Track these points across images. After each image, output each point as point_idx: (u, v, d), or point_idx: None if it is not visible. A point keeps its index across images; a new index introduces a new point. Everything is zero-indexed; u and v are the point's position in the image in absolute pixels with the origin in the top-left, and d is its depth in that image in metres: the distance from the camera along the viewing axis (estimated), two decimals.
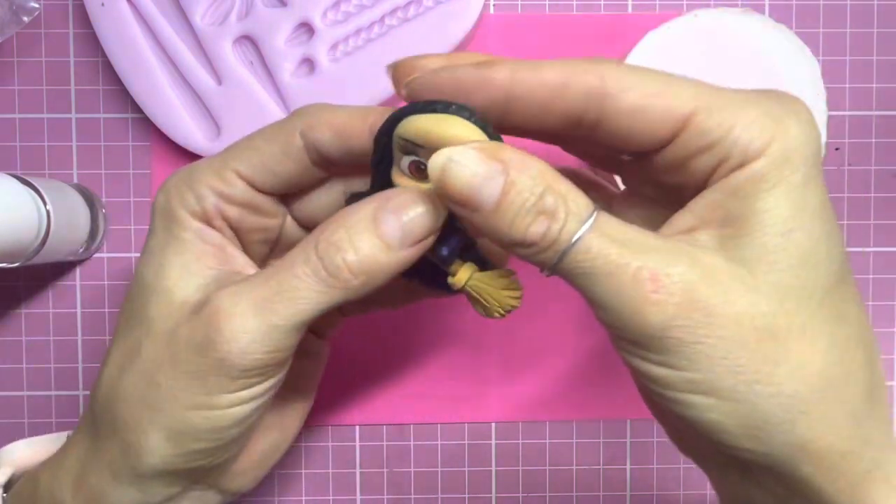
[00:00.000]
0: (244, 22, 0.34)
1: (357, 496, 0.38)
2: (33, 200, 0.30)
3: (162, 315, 0.24)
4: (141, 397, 0.23)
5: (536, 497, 0.38)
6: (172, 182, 0.25)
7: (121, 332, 0.25)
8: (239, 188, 0.25)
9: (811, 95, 0.35)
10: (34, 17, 0.34)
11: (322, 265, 0.22)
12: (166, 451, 0.24)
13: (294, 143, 0.24)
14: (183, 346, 0.23)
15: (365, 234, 0.22)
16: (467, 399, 0.37)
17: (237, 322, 0.22)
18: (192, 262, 0.24)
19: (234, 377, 0.23)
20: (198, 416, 0.23)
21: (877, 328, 0.38)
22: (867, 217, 0.37)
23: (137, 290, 0.25)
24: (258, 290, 0.22)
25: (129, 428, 0.24)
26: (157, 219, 0.25)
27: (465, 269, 0.24)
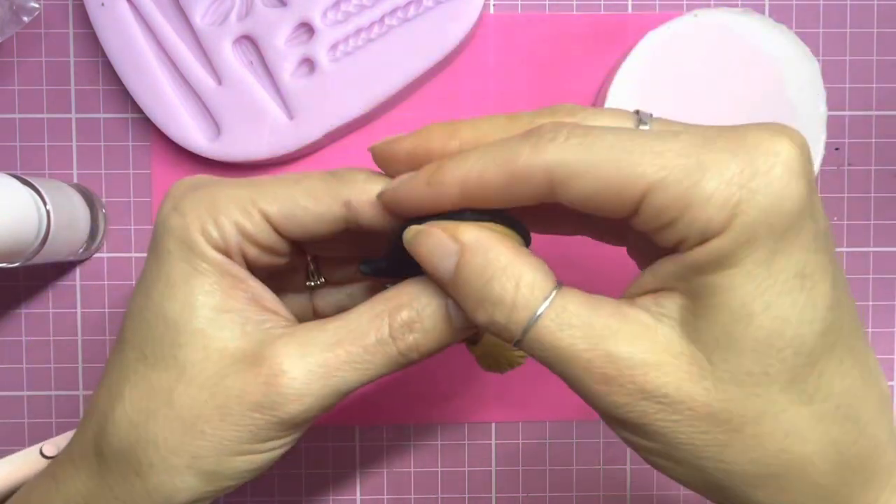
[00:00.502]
0: (244, 22, 0.34)
1: (357, 496, 0.38)
2: (33, 200, 0.30)
3: (198, 361, 0.23)
4: (177, 444, 0.23)
5: (536, 497, 0.38)
6: (190, 206, 0.24)
7: (135, 369, 0.24)
8: (264, 230, 0.24)
9: (811, 95, 0.35)
10: (34, 17, 0.34)
11: (395, 345, 0.23)
12: (200, 489, 0.24)
13: (336, 209, 0.24)
14: (235, 400, 0.23)
15: (435, 317, 0.23)
16: (467, 399, 0.37)
17: (302, 387, 0.22)
18: (223, 300, 0.24)
19: (288, 430, 0.23)
20: (240, 461, 0.23)
21: (877, 328, 0.38)
22: (867, 217, 0.37)
23: (159, 326, 0.24)
24: (325, 357, 0.23)
25: (160, 471, 0.23)
26: (170, 242, 0.24)
27: (485, 339, 0.25)
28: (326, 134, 0.35)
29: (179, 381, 0.23)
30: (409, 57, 0.35)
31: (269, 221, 0.24)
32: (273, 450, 0.24)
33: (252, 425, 0.23)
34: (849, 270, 0.38)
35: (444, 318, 0.23)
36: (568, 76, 0.37)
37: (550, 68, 0.37)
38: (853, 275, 0.37)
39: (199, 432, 0.23)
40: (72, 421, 0.37)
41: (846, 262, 0.37)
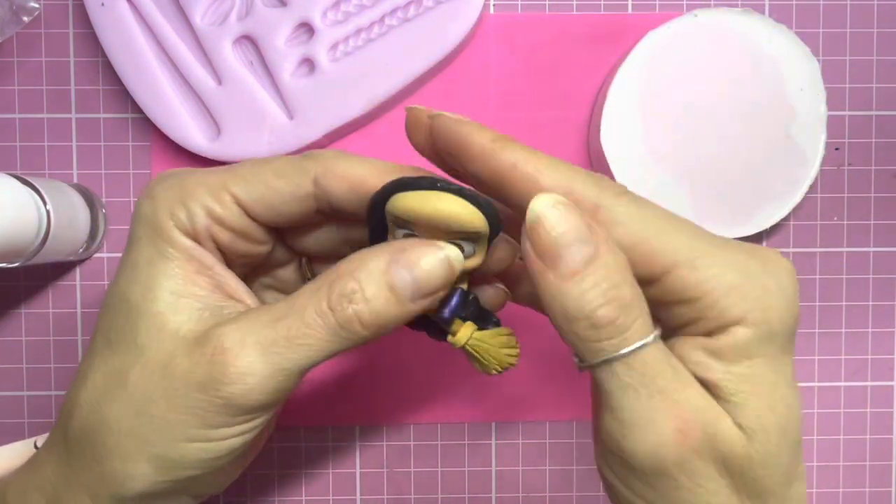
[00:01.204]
0: (244, 22, 0.34)
1: (357, 496, 0.38)
2: (33, 200, 0.30)
3: (153, 343, 0.23)
4: (129, 427, 0.23)
5: (536, 497, 0.38)
6: (161, 191, 0.24)
7: (100, 352, 0.24)
8: (234, 214, 0.24)
9: (811, 95, 0.35)
10: (34, 17, 0.34)
11: (333, 316, 0.22)
12: (154, 477, 0.23)
13: (305, 187, 0.24)
14: (181, 380, 0.22)
15: (377, 287, 0.22)
16: (467, 399, 0.37)
17: (244, 364, 0.22)
18: (184, 285, 0.23)
19: (235, 415, 0.23)
20: (192, 448, 0.23)
21: (877, 328, 0.38)
22: (867, 217, 0.37)
23: (122, 310, 0.24)
24: (266, 333, 0.22)
25: (114, 455, 0.23)
26: (140, 228, 0.24)
27: (465, 329, 0.24)
28: (326, 134, 0.35)
29: (136, 363, 0.23)
30: (409, 57, 0.35)
31: (239, 204, 0.24)
32: (227, 438, 0.23)
33: (198, 408, 0.22)
34: (849, 270, 0.38)
35: (388, 287, 0.22)
36: (568, 76, 0.37)
37: (550, 68, 0.37)
38: (853, 275, 0.38)
39: (148, 416, 0.23)
40: None
41: (846, 261, 0.37)
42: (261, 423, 0.24)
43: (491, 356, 0.24)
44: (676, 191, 0.35)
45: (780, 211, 0.35)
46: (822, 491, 0.38)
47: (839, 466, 0.38)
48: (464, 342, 0.24)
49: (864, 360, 0.38)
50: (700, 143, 0.35)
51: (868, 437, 0.38)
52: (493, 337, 0.24)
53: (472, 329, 0.24)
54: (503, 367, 0.25)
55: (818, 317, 0.38)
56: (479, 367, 0.25)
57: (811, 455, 0.38)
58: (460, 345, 0.24)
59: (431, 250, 0.22)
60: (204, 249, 0.24)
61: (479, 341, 0.24)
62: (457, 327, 0.24)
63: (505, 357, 0.24)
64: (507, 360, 0.24)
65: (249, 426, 0.23)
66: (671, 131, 0.35)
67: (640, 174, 0.35)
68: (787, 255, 0.37)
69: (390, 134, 0.37)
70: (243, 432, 0.23)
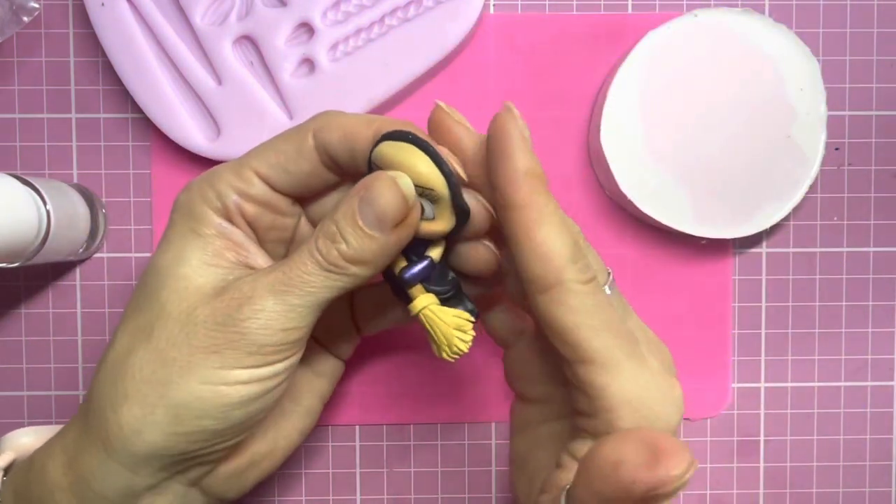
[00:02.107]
0: (244, 22, 0.34)
1: (357, 496, 0.38)
2: (33, 200, 0.30)
3: (177, 298, 0.25)
4: (151, 373, 0.24)
5: None
6: (195, 182, 0.27)
7: (129, 316, 0.26)
8: (257, 186, 0.26)
9: (811, 95, 0.35)
10: (34, 17, 0.34)
11: (322, 256, 0.24)
12: (170, 427, 0.24)
13: (307, 143, 0.26)
14: (202, 325, 0.24)
15: (350, 225, 0.24)
16: (467, 399, 0.37)
17: (257, 302, 0.24)
18: (213, 255, 0.26)
19: (251, 352, 0.24)
20: (208, 391, 0.24)
21: (877, 328, 0.38)
22: (867, 217, 0.37)
23: (151, 276, 0.26)
24: (274, 276, 0.25)
25: (132, 401, 0.24)
26: (176, 214, 0.27)
27: (424, 299, 0.25)
28: None
29: (159, 317, 0.25)
30: (409, 57, 0.35)
31: (260, 177, 0.26)
32: (242, 383, 0.25)
33: (216, 345, 0.24)
34: (849, 270, 0.38)
35: (358, 224, 0.24)
36: (568, 76, 0.37)
37: (550, 68, 0.37)
38: (853, 275, 0.38)
39: (170, 360, 0.24)
40: None
41: (846, 261, 0.37)
42: (272, 374, 0.25)
43: (442, 334, 0.25)
44: (676, 191, 0.35)
45: (780, 211, 0.35)
46: (821, 491, 0.38)
47: (839, 466, 0.38)
48: (417, 310, 0.25)
49: (864, 360, 0.38)
50: (700, 143, 0.35)
51: (868, 437, 0.38)
52: (449, 316, 0.25)
53: (430, 300, 0.25)
54: (452, 350, 0.25)
55: (818, 317, 0.38)
56: (434, 347, 0.25)
57: (811, 455, 0.38)
58: (414, 312, 0.25)
59: (383, 181, 0.24)
60: (235, 227, 0.26)
61: (433, 314, 0.25)
62: (416, 293, 0.25)
63: (455, 340, 0.25)
64: (458, 343, 0.25)
65: (264, 372, 0.25)
66: (671, 131, 0.35)
67: (640, 174, 0.35)
68: (787, 255, 0.37)
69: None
70: (255, 379, 0.25)
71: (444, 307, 0.25)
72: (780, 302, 0.37)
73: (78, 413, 0.27)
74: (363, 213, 0.24)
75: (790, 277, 0.37)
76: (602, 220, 0.37)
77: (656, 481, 0.19)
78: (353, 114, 0.26)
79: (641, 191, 0.35)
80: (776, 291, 0.37)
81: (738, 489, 0.38)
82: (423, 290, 0.25)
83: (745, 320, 0.38)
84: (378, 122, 0.26)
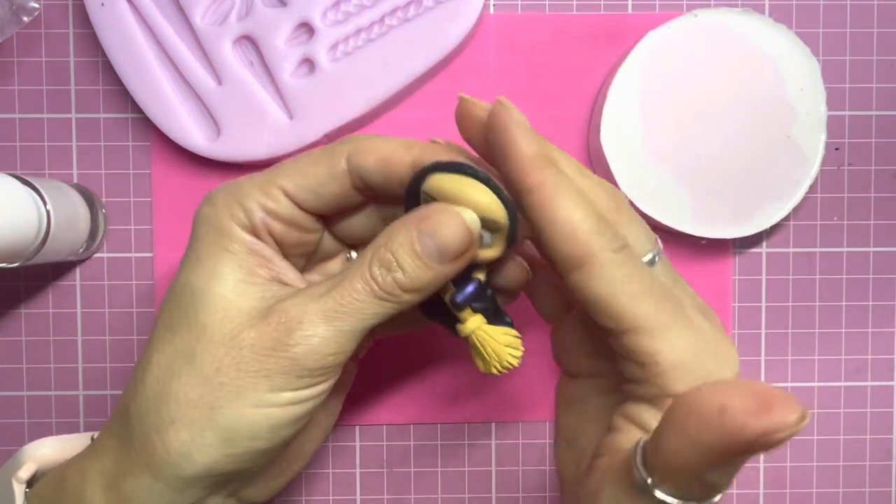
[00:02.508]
0: (244, 22, 0.34)
1: (357, 496, 0.38)
2: (33, 200, 0.30)
3: (218, 321, 0.25)
4: (198, 397, 0.24)
5: (536, 497, 0.38)
6: (220, 196, 0.26)
7: (163, 338, 0.26)
8: (284, 205, 0.26)
9: (811, 95, 0.35)
10: (34, 17, 0.34)
11: (377, 284, 0.24)
12: (220, 450, 0.24)
13: (339, 166, 0.26)
14: (249, 349, 0.24)
15: (408, 255, 0.24)
16: (467, 399, 0.37)
17: (307, 327, 0.24)
18: (247, 273, 0.26)
19: (301, 376, 0.24)
20: (259, 414, 0.24)
21: (877, 328, 0.38)
22: (867, 217, 0.37)
23: (185, 296, 0.25)
24: (324, 301, 0.24)
25: (181, 426, 0.24)
26: (202, 228, 0.26)
27: (474, 320, 0.26)
28: (326, 134, 0.35)
29: (200, 340, 0.25)
30: (409, 57, 0.35)
31: (288, 196, 0.26)
32: (290, 405, 0.25)
33: (266, 370, 0.24)
34: (849, 270, 0.38)
35: (416, 255, 0.24)
36: (568, 76, 0.37)
37: (550, 68, 0.37)
38: (853, 275, 0.37)
39: (217, 384, 0.24)
40: (72, 421, 0.37)
41: (846, 261, 0.37)
42: (318, 393, 0.25)
43: (493, 351, 0.25)
44: (676, 191, 0.35)
45: (780, 211, 0.35)
46: (822, 491, 0.38)
47: (839, 466, 0.38)
48: (470, 331, 0.25)
49: (864, 360, 0.38)
50: (700, 143, 0.35)
51: (868, 437, 0.38)
52: (500, 334, 0.25)
53: (480, 321, 0.25)
54: (503, 366, 0.25)
55: (818, 317, 0.38)
56: (480, 362, 0.26)
57: (811, 455, 0.38)
58: (466, 333, 0.25)
59: (449, 215, 0.24)
60: (263, 243, 0.26)
61: (484, 334, 0.25)
62: (467, 316, 0.26)
63: (507, 356, 0.25)
64: (509, 359, 0.25)
65: (309, 392, 0.25)
66: (671, 131, 0.35)
67: (640, 174, 0.35)
68: (787, 255, 0.37)
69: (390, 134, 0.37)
70: (303, 400, 0.25)
71: (493, 325, 0.26)
72: (780, 302, 0.37)
73: (108, 432, 0.27)
74: (424, 244, 0.24)
75: (790, 277, 0.37)
76: None
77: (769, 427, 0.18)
78: (388, 138, 0.26)
79: (641, 191, 0.35)
80: (776, 291, 0.37)
81: (738, 489, 0.38)
82: (471, 311, 0.26)
83: (745, 320, 0.37)
84: (417, 147, 0.26)
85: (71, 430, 0.37)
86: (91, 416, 0.37)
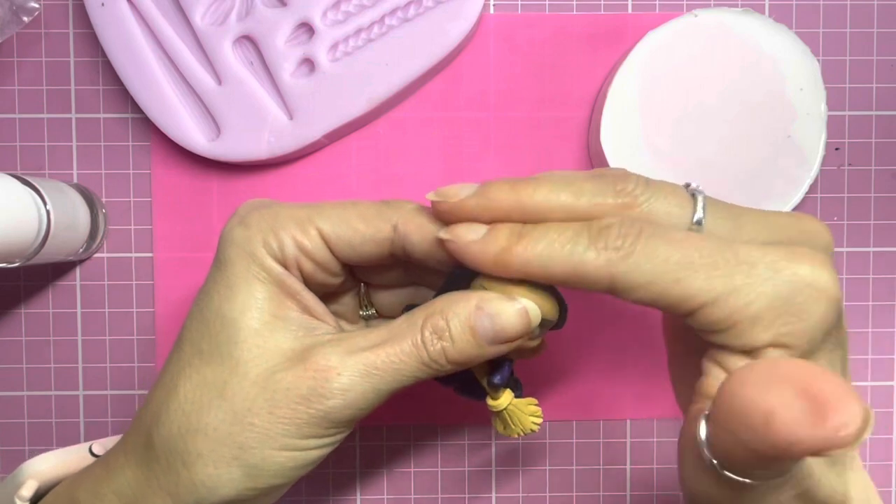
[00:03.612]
0: (244, 22, 0.34)
1: (357, 496, 0.38)
2: (33, 200, 0.30)
3: (253, 358, 0.25)
4: (227, 434, 0.24)
5: (536, 497, 0.38)
6: (254, 220, 0.26)
7: (189, 363, 0.26)
8: (319, 247, 0.26)
9: (811, 95, 0.35)
10: (34, 17, 0.34)
11: (426, 351, 0.25)
12: (243, 484, 0.25)
13: (384, 232, 0.26)
14: (283, 393, 0.24)
15: (462, 328, 0.24)
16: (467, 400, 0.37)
17: (346, 381, 0.24)
18: (279, 308, 0.26)
19: (329, 427, 0.25)
20: (285, 456, 0.25)
21: (877, 328, 0.38)
22: (867, 217, 0.37)
23: (217, 324, 0.25)
24: (366, 356, 0.25)
25: (207, 461, 0.25)
26: (233, 250, 0.26)
27: (506, 397, 0.27)
28: (326, 134, 0.35)
29: (233, 375, 0.25)
30: (409, 57, 0.35)
31: (323, 239, 0.26)
32: (314, 448, 0.25)
33: (297, 418, 0.24)
34: (849, 270, 0.38)
35: (471, 330, 0.24)
36: (568, 76, 0.37)
37: (550, 68, 0.37)
38: (853, 275, 0.37)
39: (248, 424, 0.24)
40: (72, 421, 0.37)
41: (846, 261, 0.37)
42: (341, 438, 0.26)
43: (520, 422, 0.27)
44: None
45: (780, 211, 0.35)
46: None
47: None
48: (503, 408, 0.27)
49: (865, 360, 0.38)
50: (700, 142, 0.35)
51: (868, 437, 0.38)
52: (526, 405, 0.27)
53: (511, 397, 0.27)
54: (526, 433, 0.28)
55: None
56: (501, 428, 0.28)
57: None
58: (500, 409, 0.27)
59: (512, 303, 0.24)
60: (292, 276, 0.26)
61: (515, 408, 0.27)
62: (500, 393, 0.27)
63: (530, 423, 0.27)
64: (532, 427, 0.27)
65: (334, 439, 0.26)
66: (671, 131, 0.35)
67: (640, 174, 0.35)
68: None
69: (390, 134, 0.37)
70: (327, 444, 0.26)
71: (519, 399, 0.27)
72: None
73: (123, 454, 0.26)
74: (481, 322, 0.24)
75: None
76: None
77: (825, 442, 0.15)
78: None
79: None
80: None
81: None
82: (502, 389, 0.27)
83: None
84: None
85: (71, 430, 0.37)
86: (91, 416, 0.37)
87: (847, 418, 0.15)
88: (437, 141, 0.37)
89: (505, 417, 0.27)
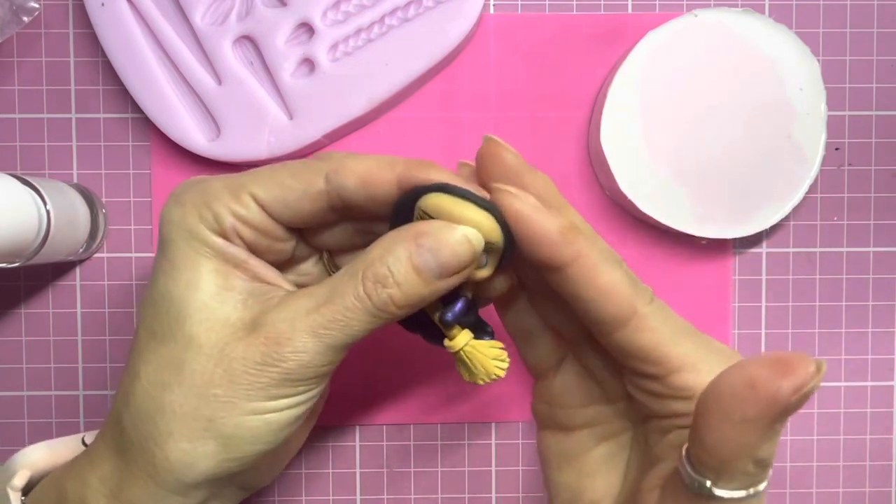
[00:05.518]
0: (244, 22, 0.34)
1: (357, 496, 0.38)
2: (33, 200, 0.30)
3: (205, 331, 0.25)
4: (193, 409, 0.24)
5: (536, 497, 0.38)
6: (187, 197, 0.26)
7: (148, 347, 0.25)
8: (254, 212, 0.26)
9: (811, 95, 0.35)
10: (34, 17, 0.34)
11: (370, 300, 0.24)
12: (220, 456, 0.25)
13: (317, 184, 0.25)
14: (240, 362, 0.24)
15: (405, 270, 0.24)
16: (467, 399, 0.37)
17: (298, 344, 0.24)
18: (225, 279, 0.25)
19: (295, 384, 0.25)
20: (258, 420, 0.25)
21: (877, 328, 0.38)
22: (867, 217, 0.37)
23: (165, 304, 0.25)
24: (313, 317, 0.24)
25: (180, 437, 0.24)
26: (172, 230, 0.26)
27: (463, 336, 0.26)
28: (326, 134, 0.35)
29: (187, 351, 0.25)
30: (409, 57, 0.35)
31: (259, 204, 0.26)
32: (287, 409, 0.25)
33: (258, 382, 0.24)
34: (849, 270, 0.38)
35: (415, 270, 0.24)
36: (568, 76, 0.37)
37: (550, 68, 0.37)
38: (853, 275, 0.38)
39: (211, 396, 0.24)
40: (72, 421, 0.37)
41: (846, 261, 0.37)
42: (315, 395, 0.26)
43: (481, 365, 0.26)
44: (676, 191, 0.35)
45: (780, 211, 0.35)
46: (821, 491, 0.38)
47: (839, 466, 0.38)
48: (459, 348, 0.26)
49: (864, 360, 0.38)
50: (700, 143, 0.35)
51: (868, 437, 0.38)
52: (487, 347, 0.26)
53: (468, 337, 0.26)
54: (490, 378, 0.26)
55: (818, 317, 0.38)
56: (466, 374, 0.27)
57: (811, 455, 0.38)
58: (456, 349, 0.26)
59: (452, 231, 0.24)
60: (235, 245, 0.26)
61: (473, 349, 0.26)
62: (455, 332, 0.26)
63: (494, 368, 0.26)
64: (496, 371, 0.26)
65: (305, 396, 0.25)
66: (671, 131, 0.35)
67: (640, 174, 0.35)
68: (787, 255, 0.37)
69: (390, 134, 0.37)
70: (300, 403, 0.25)
71: (480, 340, 0.26)
72: (780, 302, 0.37)
73: (103, 440, 0.27)
74: (423, 259, 0.24)
75: (790, 277, 0.37)
76: (602, 220, 0.37)
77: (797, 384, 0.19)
78: (366, 155, 0.26)
79: (641, 191, 0.35)
80: (776, 291, 0.37)
81: None
82: (459, 328, 0.26)
83: (745, 320, 0.38)
84: (400, 165, 0.25)
85: (71, 430, 0.37)
86: (91, 416, 0.37)
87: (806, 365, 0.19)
88: (437, 141, 0.37)
89: (464, 359, 0.26)
